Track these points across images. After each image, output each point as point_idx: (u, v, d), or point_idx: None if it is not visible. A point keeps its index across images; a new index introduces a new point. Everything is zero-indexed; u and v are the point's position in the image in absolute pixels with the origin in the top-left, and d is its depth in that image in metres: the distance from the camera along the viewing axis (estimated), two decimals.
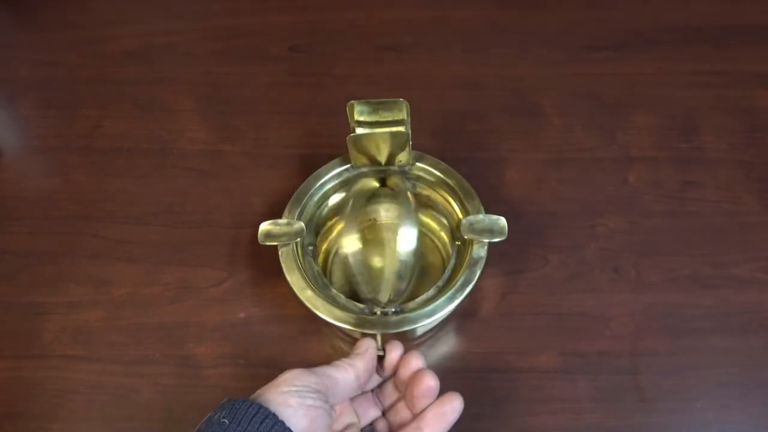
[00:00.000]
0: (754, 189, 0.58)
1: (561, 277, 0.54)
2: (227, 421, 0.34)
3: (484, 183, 0.56)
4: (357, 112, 0.49)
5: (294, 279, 0.48)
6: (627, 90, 0.65)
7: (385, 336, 0.45)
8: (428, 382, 0.40)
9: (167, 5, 0.75)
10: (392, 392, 0.43)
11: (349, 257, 0.52)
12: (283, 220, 0.51)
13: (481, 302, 0.53)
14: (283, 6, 0.74)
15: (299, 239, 0.50)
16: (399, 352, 0.42)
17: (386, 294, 0.49)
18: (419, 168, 0.54)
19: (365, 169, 0.54)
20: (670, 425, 0.48)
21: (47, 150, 0.64)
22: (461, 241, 0.51)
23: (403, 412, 0.42)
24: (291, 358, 0.51)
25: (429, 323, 0.47)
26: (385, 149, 0.51)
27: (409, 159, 0.52)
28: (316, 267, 0.50)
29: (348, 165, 0.53)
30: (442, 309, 0.46)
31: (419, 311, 0.46)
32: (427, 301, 0.47)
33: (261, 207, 0.58)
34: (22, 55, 0.71)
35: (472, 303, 0.53)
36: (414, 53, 0.69)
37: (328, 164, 0.54)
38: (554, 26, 0.71)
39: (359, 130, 0.49)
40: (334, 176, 0.54)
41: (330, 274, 0.53)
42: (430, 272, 0.53)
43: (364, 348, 0.42)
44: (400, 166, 0.53)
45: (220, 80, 0.68)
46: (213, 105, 0.66)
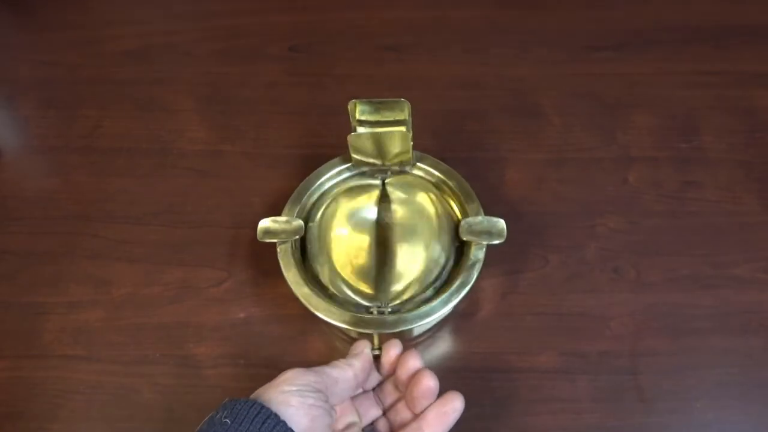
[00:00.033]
0: (754, 189, 0.58)
1: (561, 277, 0.54)
2: (229, 421, 0.34)
3: (484, 183, 0.56)
4: (359, 112, 0.48)
5: (291, 276, 0.48)
6: (627, 90, 0.65)
7: (383, 336, 0.45)
8: (427, 383, 0.40)
9: (167, 5, 0.75)
10: (392, 392, 0.43)
11: (348, 256, 0.52)
12: (283, 218, 0.51)
13: (482, 302, 0.53)
14: (283, 6, 0.74)
15: (298, 237, 0.50)
16: (396, 351, 0.42)
17: (383, 294, 0.49)
18: (420, 168, 0.54)
19: (365, 169, 0.54)
20: (670, 425, 0.48)
21: (47, 150, 0.64)
22: (460, 242, 0.51)
23: (404, 412, 0.42)
24: (291, 358, 0.51)
25: (425, 324, 0.47)
26: (386, 149, 0.51)
27: (411, 159, 0.52)
28: (315, 265, 0.50)
29: (348, 164, 0.54)
30: (438, 310, 0.46)
31: (415, 312, 0.46)
32: (424, 302, 0.47)
33: (261, 207, 0.58)
34: (22, 55, 0.71)
35: (472, 303, 0.53)
36: (414, 53, 0.69)
37: (329, 163, 0.54)
38: (554, 26, 0.71)
39: (360, 130, 0.49)
40: (335, 175, 0.54)
41: (329, 273, 0.53)
42: (429, 273, 0.53)
43: (360, 349, 0.42)
44: (401, 167, 0.53)
45: (220, 80, 0.68)
46: (213, 105, 0.66)
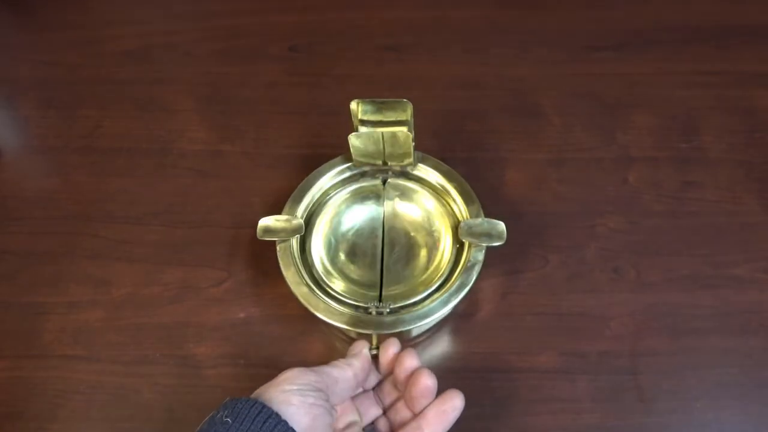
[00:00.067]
0: (754, 189, 0.59)
1: (561, 277, 0.54)
2: (230, 421, 0.34)
3: (484, 183, 0.56)
4: (361, 111, 0.48)
5: (291, 276, 0.48)
6: (627, 90, 0.65)
7: (382, 336, 0.45)
8: (425, 382, 0.40)
9: (167, 5, 0.75)
10: (391, 391, 0.43)
11: (348, 256, 0.52)
12: (283, 216, 0.51)
13: (482, 302, 0.53)
14: (283, 6, 0.74)
15: (298, 236, 0.50)
16: (394, 350, 0.42)
17: (382, 294, 0.49)
18: (420, 169, 0.54)
19: (366, 169, 0.54)
20: (670, 425, 0.48)
21: (47, 150, 0.64)
22: (460, 243, 0.51)
23: (404, 411, 0.42)
24: (291, 358, 0.51)
25: (424, 325, 0.47)
26: (387, 149, 0.51)
27: (412, 160, 0.52)
28: (314, 265, 0.50)
29: (349, 164, 0.54)
30: (437, 311, 0.46)
31: (414, 312, 0.46)
32: (423, 303, 0.47)
33: (261, 207, 0.58)
34: (22, 55, 0.71)
35: (472, 303, 0.53)
36: (414, 53, 0.69)
37: (329, 162, 0.54)
38: (554, 26, 0.71)
39: (362, 129, 0.49)
40: (335, 174, 0.54)
41: (328, 273, 0.53)
42: (428, 273, 0.53)
43: (359, 349, 0.42)
44: (403, 167, 0.53)
45: (220, 80, 0.68)
46: (213, 105, 0.66)
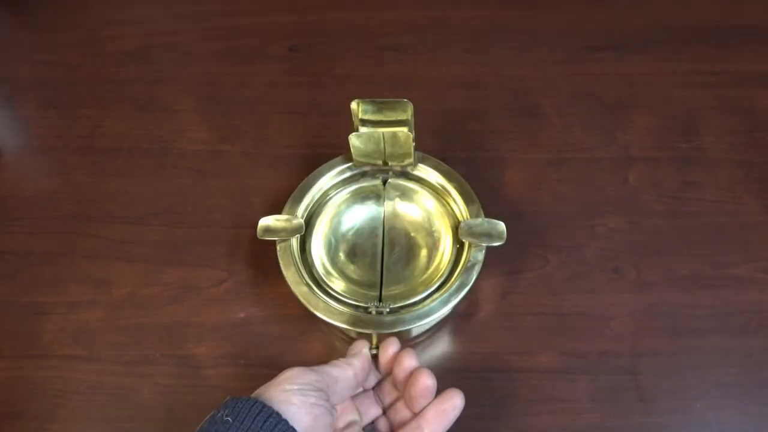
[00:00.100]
0: (754, 189, 0.59)
1: (561, 277, 0.54)
2: (230, 420, 0.34)
3: (484, 183, 0.56)
4: (361, 111, 0.48)
5: (291, 275, 0.48)
6: (627, 90, 0.65)
7: (381, 336, 0.45)
8: (425, 382, 0.40)
9: (167, 5, 0.75)
10: (391, 391, 0.43)
11: (348, 256, 0.52)
12: (283, 216, 0.51)
13: (482, 302, 0.53)
14: (283, 6, 0.74)
15: (298, 236, 0.50)
16: (394, 349, 0.42)
17: (383, 294, 0.49)
18: (421, 169, 0.54)
19: (367, 169, 0.54)
20: (670, 425, 0.48)
21: (47, 150, 0.64)
22: (460, 243, 0.51)
23: (403, 411, 0.42)
24: (291, 358, 0.51)
25: (424, 324, 0.47)
26: (387, 149, 0.51)
27: (413, 160, 0.52)
28: (314, 265, 0.50)
29: (349, 164, 0.54)
30: (437, 311, 0.46)
31: (413, 312, 0.46)
32: (423, 303, 0.47)
33: (261, 207, 0.58)
34: (22, 55, 0.71)
35: (472, 303, 0.53)
36: (414, 53, 0.69)
37: (330, 162, 0.54)
38: (554, 26, 0.71)
39: (362, 129, 0.49)
40: (335, 174, 0.54)
41: (328, 273, 0.53)
42: (428, 273, 0.53)
43: (358, 349, 0.42)
44: (403, 167, 0.53)
45: (220, 80, 0.68)
46: (213, 105, 0.66)
